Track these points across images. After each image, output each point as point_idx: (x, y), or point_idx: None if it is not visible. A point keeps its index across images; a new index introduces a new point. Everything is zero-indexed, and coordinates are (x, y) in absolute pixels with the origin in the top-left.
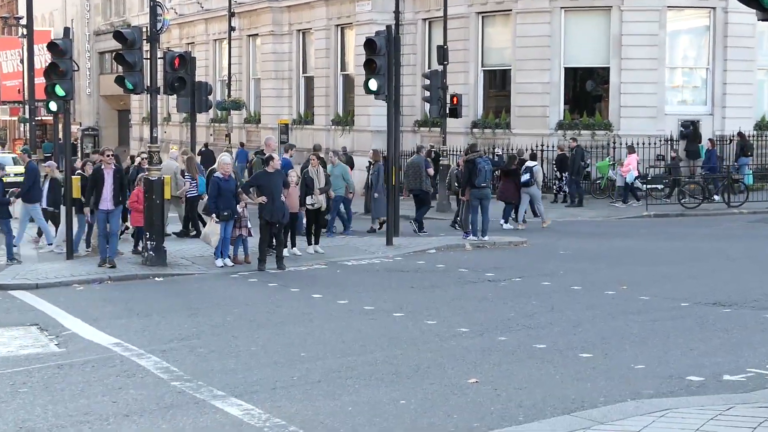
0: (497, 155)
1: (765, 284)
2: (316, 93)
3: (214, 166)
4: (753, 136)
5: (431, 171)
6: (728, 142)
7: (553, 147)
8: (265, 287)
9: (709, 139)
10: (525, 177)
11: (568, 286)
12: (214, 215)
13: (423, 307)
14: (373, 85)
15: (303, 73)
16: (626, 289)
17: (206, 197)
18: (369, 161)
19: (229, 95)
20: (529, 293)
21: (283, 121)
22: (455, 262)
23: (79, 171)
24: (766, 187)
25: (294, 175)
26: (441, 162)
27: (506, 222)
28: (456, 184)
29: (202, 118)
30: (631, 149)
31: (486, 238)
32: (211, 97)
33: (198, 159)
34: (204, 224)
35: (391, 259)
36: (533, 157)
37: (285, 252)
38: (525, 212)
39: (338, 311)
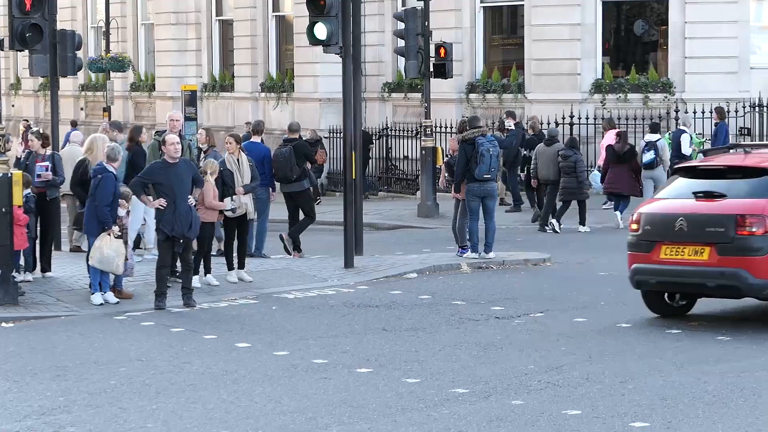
0: (508, 129)
1: None
2: (237, 45)
3: (86, 156)
4: None
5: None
6: None
7: (587, 118)
8: (166, 334)
9: None
10: (649, 156)
11: (613, 325)
12: (115, 228)
13: (400, 359)
14: (320, 31)
15: (217, 15)
16: (697, 326)
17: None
18: (198, 147)
19: (107, 50)
20: (555, 335)
21: (188, 87)
22: (447, 292)
23: None
24: None
25: (214, 168)
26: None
27: (620, 213)
28: (447, 177)
29: (67, 85)
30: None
31: (491, 255)
32: (81, 54)
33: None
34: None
35: (352, 290)
36: (655, 129)
37: (195, 281)
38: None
39: (275, 368)
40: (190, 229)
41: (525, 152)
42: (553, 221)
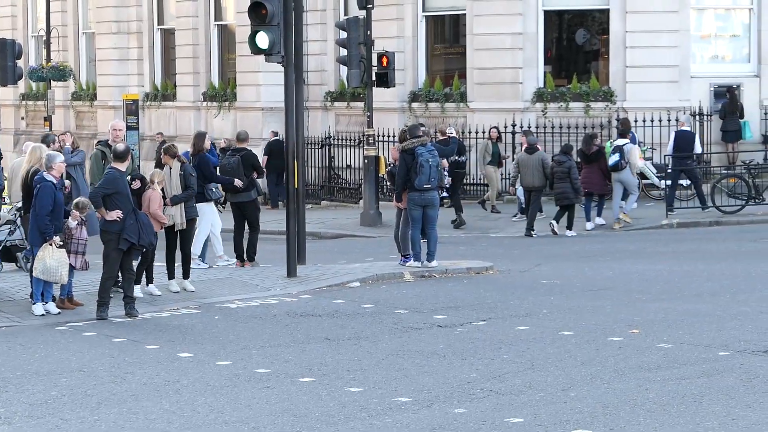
0: (449, 135)
1: None
2: (179, 54)
3: (34, 166)
4: None
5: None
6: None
7: (529, 127)
8: (108, 344)
9: None
10: (614, 159)
11: (555, 332)
12: (57, 238)
13: (343, 368)
14: (262, 40)
15: (159, 24)
16: (639, 333)
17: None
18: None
19: (48, 59)
20: (498, 343)
21: (130, 96)
22: (390, 301)
23: None
24: None
25: (161, 177)
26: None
27: (590, 221)
28: (388, 185)
29: (8, 94)
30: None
31: (434, 263)
32: (21, 63)
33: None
34: None
35: (295, 299)
36: (623, 134)
37: (138, 291)
38: (621, 205)
39: (218, 378)
40: (155, 237)
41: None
42: (553, 222)
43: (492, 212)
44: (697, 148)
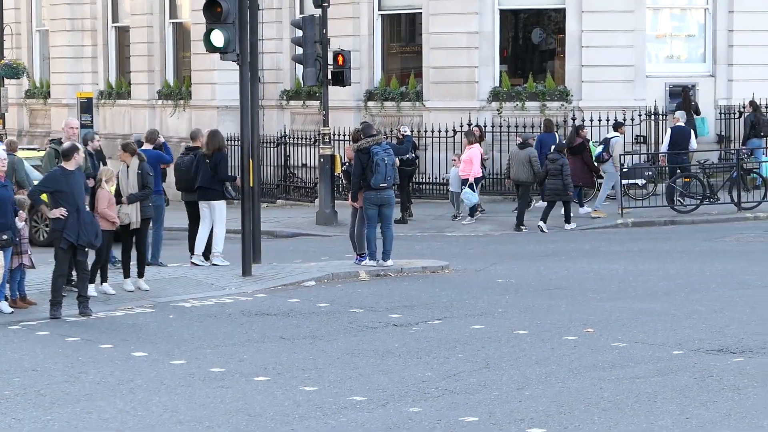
0: (403, 134)
1: None
2: (134, 52)
3: None
4: None
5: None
6: (736, 115)
7: (485, 126)
8: (61, 343)
9: (750, 102)
10: (597, 150)
11: (510, 331)
12: (4, 236)
13: (298, 367)
14: (217, 39)
15: (113, 22)
16: (593, 332)
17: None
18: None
19: (1, 57)
20: (453, 342)
21: (84, 94)
22: (345, 299)
23: None
24: None
25: (109, 175)
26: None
27: (582, 206)
28: (344, 183)
29: None
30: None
31: (389, 262)
32: None
33: None
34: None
35: (250, 297)
36: (616, 127)
37: (92, 290)
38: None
39: (172, 377)
40: (96, 236)
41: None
42: (540, 224)
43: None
44: (693, 144)
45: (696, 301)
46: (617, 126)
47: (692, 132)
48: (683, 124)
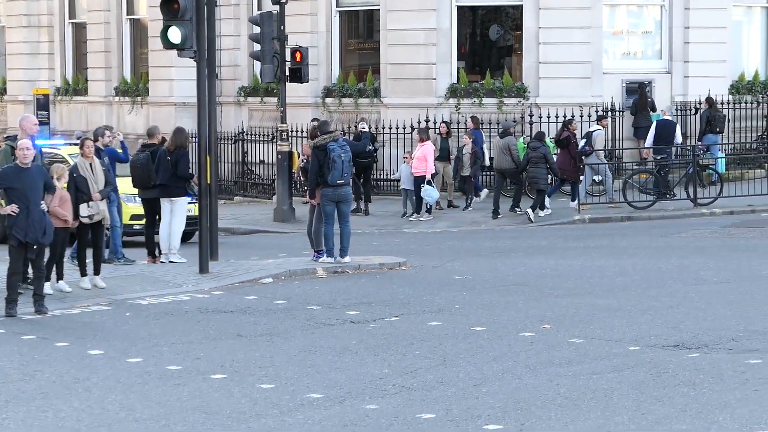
0: (361, 130)
1: (746, 317)
2: (91, 49)
3: None
4: (727, 104)
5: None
6: (692, 111)
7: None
8: (17, 342)
9: (706, 99)
10: (581, 143)
11: (468, 328)
12: None
13: (255, 364)
14: (174, 35)
15: (70, 18)
16: (550, 329)
17: None
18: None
19: None
20: (410, 339)
21: (41, 90)
22: (302, 297)
23: None
24: (747, 176)
25: (61, 172)
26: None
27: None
28: (302, 180)
29: None
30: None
31: (347, 259)
32: None
33: None
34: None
35: (207, 295)
36: (599, 119)
37: (47, 288)
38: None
39: (128, 375)
40: (44, 234)
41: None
42: (528, 210)
43: (449, 207)
44: (678, 138)
45: (652, 296)
46: (600, 119)
47: (677, 126)
48: (669, 118)
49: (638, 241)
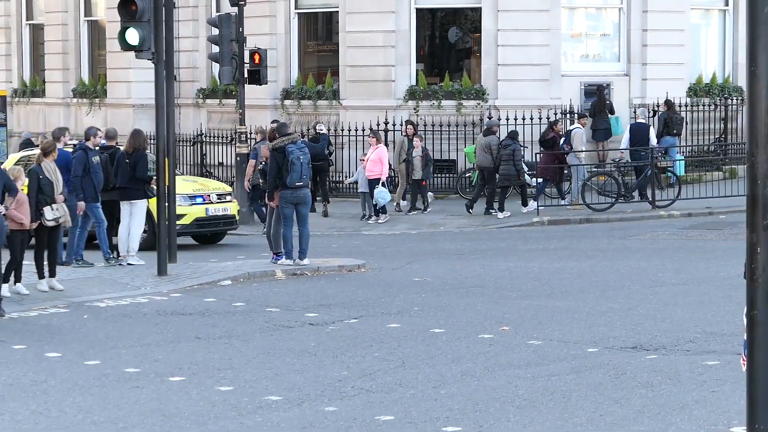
0: (319, 132)
1: (704, 319)
2: (49, 50)
3: None
4: (685, 106)
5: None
6: (650, 114)
7: (401, 125)
8: None
9: (665, 101)
10: (561, 143)
11: (426, 330)
12: None
13: (213, 366)
14: (132, 37)
15: (27, 20)
16: (509, 330)
17: None
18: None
19: None
20: (369, 341)
21: None
22: (261, 299)
23: None
24: (704, 178)
25: (17, 174)
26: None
27: (563, 198)
28: (261, 183)
29: None
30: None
31: (306, 261)
32: None
33: None
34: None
35: (165, 297)
36: (580, 116)
37: (5, 290)
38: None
39: (86, 377)
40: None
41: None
42: (496, 211)
43: (413, 210)
44: (653, 140)
45: (610, 298)
46: (580, 117)
47: (650, 128)
48: (643, 121)
49: (597, 243)
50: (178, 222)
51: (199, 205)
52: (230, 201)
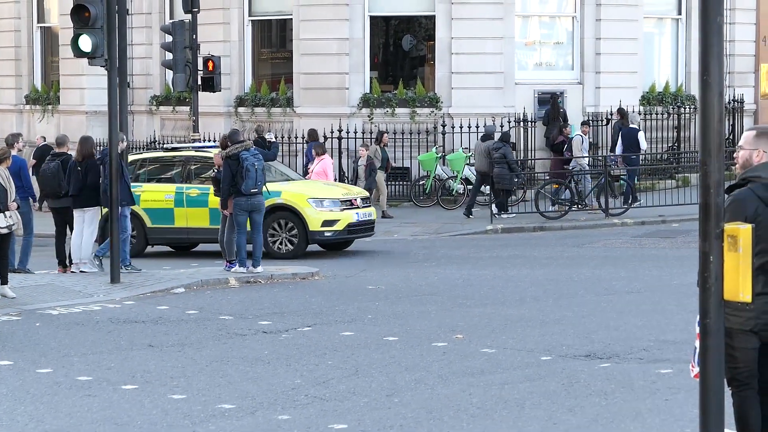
0: (269, 141)
1: (657, 327)
2: (1, 57)
3: None
4: (639, 114)
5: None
6: (604, 122)
7: (356, 132)
8: None
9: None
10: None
11: (380, 338)
12: None
13: (166, 375)
14: (85, 43)
15: None
16: (463, 338)
17: None
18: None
19: None
20: (322, 349)
21: None
22: (215, 307)
23: None
24: (658, 186)
25: None
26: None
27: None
28: (214, 190)
29: None
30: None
31: (260, 269)
32: None
33: None
34: None
35: (118, 305)
36: (583, 124)
37: None
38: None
39: (38, 385)
40: None
41: None
42: (496, 211)
43: (383, 217)
44: (642, 145)
45: (564, 306)
46: (584, 123)
47: (639, 132)
48: (635, 126)
49: (550, 251)
50: (330, 228)
51: (349, 210)
52: (370, 206)
